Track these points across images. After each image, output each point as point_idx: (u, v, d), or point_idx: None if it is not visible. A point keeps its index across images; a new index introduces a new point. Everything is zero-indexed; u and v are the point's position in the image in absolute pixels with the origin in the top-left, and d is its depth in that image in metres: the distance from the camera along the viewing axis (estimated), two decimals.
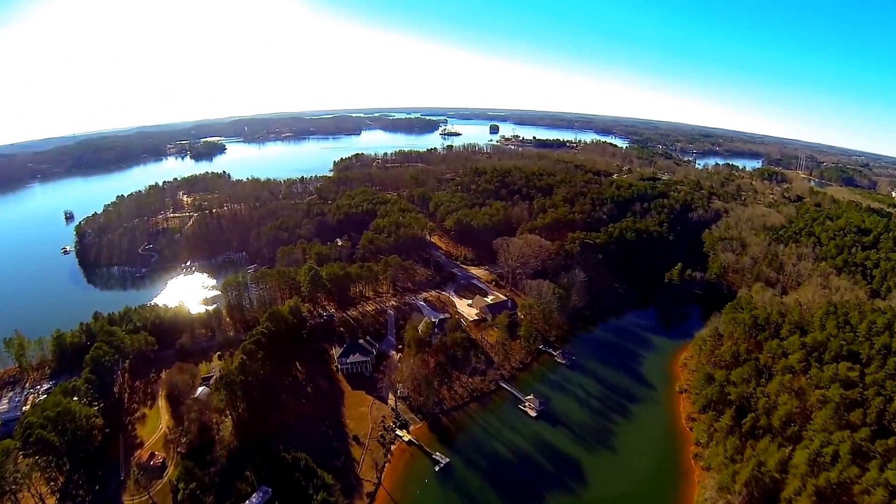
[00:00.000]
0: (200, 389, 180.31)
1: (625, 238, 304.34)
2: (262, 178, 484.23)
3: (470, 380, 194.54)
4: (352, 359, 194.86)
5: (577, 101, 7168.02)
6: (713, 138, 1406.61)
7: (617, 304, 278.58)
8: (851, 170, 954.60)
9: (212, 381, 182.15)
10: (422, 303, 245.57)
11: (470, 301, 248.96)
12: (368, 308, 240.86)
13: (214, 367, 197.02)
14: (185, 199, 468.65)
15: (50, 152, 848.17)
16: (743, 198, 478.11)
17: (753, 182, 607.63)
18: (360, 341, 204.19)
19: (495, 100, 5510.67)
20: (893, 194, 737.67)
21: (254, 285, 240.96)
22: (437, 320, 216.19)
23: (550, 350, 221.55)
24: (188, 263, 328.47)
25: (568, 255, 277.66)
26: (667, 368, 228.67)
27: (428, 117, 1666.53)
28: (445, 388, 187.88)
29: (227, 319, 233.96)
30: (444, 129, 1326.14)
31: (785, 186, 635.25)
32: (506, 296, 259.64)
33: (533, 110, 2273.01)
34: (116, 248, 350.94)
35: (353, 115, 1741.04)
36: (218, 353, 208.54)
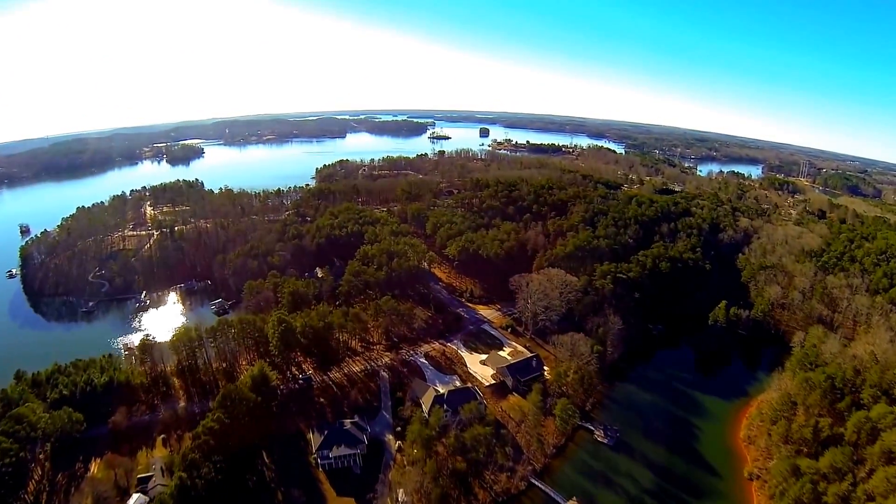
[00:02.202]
0: (135, 498, 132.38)
1: (658, 269, 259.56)
2: (236, 189, 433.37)
3: (493, 477, 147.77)
4: (336, 452, 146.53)
5: (568, 104, 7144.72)
6: (709, 143, 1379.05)
7: (651, 349, 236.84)
8: (855, 177, 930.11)
9: (150, 489, 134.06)
10: (423, 360, 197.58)
11: (483, 357, 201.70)
12: (356, 367, 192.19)
13: (156, 459, 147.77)
14: (149, 212, 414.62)
15: (22, 155, 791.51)
16: (767, 214, 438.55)
17: (768, 194, 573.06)
18: (347, 423, 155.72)
19: (484, 102, 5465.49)
20: None
21: (209, 339, 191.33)
22: (445, 392, 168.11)
23: (589, 425, 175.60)
24: (143, 295, 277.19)
25: (598, 293, 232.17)
26: (727, 443, 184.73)
27: (415, 120, 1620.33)
28: (462, 498, 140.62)
29: (177, 385, 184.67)
30: (433, 133, 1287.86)
31: (799, 198, 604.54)
32: (525, 346, 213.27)
33: (523, 113, 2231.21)
34: (64, 273, 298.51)
35: (338, 117, 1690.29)
36: (163, 435, 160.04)
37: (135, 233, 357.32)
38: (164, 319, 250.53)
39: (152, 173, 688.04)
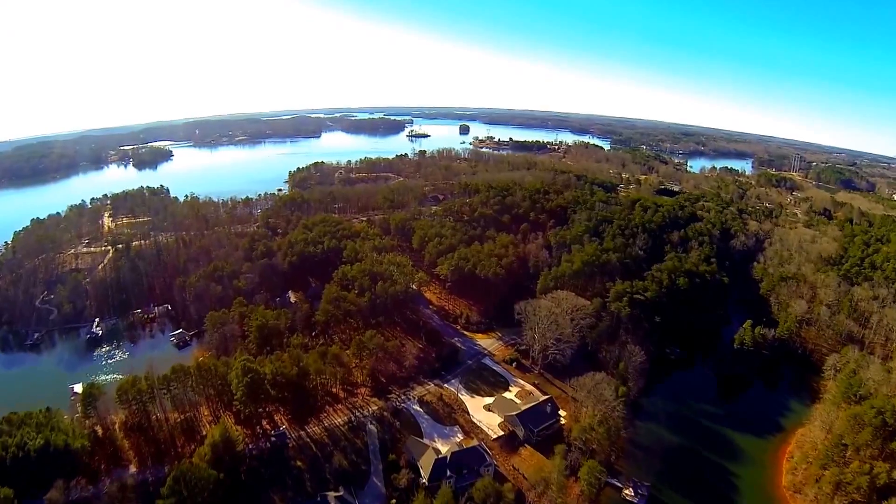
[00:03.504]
0: None
1: (676, 286, 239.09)
2: (203, 197, 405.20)
3: None
4: None
5: (549, 99, 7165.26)
6: (696, 137, 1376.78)
7: (669, 375, 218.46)
8: (847, 171, 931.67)
9: None
10: (417, 407, 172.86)
11: (488, 401, 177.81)
12: (338, 419, 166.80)
13: None
14: (107, 223, 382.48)
15: None
16: (774, 215, 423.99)
17: (768, 191, 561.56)
18: (330, 498, 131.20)
19: (463, 97, 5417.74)
20: (894, 196, 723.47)
21: (163, 390, 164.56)
22: (448, 453, 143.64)
23: (616, 482, 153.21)
24: (95, 324, 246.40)
25: (612, 318, 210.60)
26: (770, 492, 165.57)
27: (392, 117, 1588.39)
28: None
29: (126, 446, 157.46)
30: (411, 131, 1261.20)
31: (798, 195, 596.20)
32: (534, 384, 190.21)
33: (503, 108, 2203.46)
34: (9, 298, 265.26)
35: (313, 115, 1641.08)
36: None
37: (90, 249, 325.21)
38: (116, 355, 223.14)
39: (118, 178, 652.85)
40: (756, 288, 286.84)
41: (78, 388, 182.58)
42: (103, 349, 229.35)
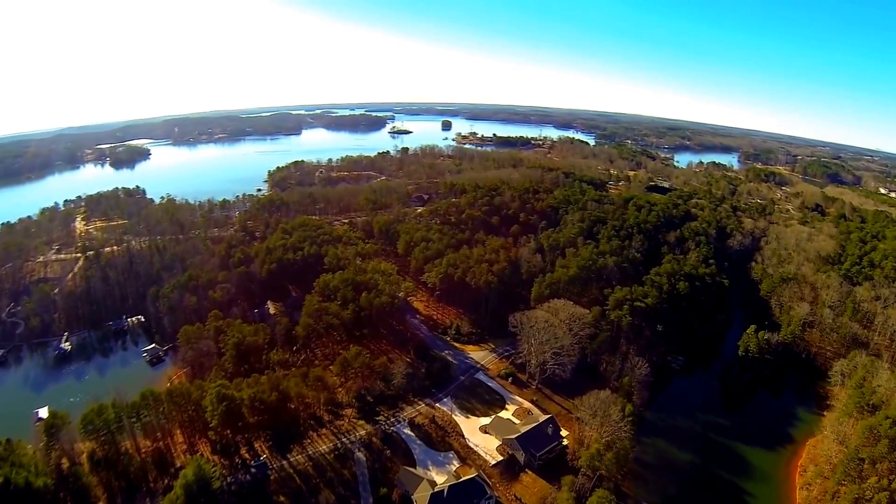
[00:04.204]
0: None
1: (676, 290, 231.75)
2: (179, 198, 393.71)
3: None
4: None
5: (531, 94, 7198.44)
6: (680, 131, 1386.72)
7: (672, 385, 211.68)
8: (833, 165, 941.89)
9: None
10: (408, 431, 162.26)
11: (484, 421, 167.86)
12: (323, 445, 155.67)
13: None
14: (80, 227, 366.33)
15: None
16: (768, 212, 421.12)
17: (759, 187, 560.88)
18: None
19: (444, 93, 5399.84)
20: (881, 190, 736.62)
21: (133, 418, 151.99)
22: (445, 487, 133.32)
23: None
24: (64, 339, 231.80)
25: (612, 327, 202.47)
26: None
27: (374, 113, 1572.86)
28: None
29: (94, 482, 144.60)
30: (393, 127, 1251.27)
31: (788, 190, 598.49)
32: (532, 400, 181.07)
33: (485, 104, 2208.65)
34: None
35: (294, 112, 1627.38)
36: None
37: (60, 257, 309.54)
38: (87, 373, 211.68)
39: (94, 178, 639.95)
40: (756, 289, 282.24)
41: (43, 412, 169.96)
42: (72, 366, 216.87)
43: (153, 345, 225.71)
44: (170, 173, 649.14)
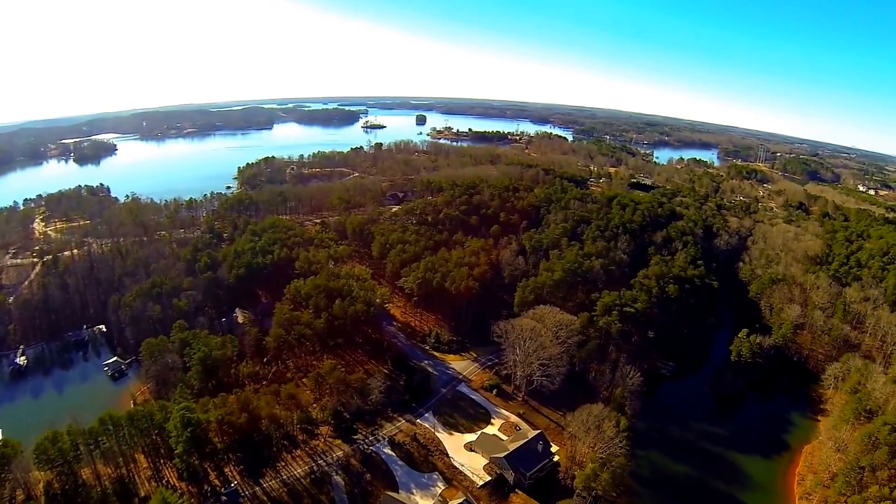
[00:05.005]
0: None
1: (666, 294, 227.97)
2: (144, 197, 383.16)
3: None
4: None
5: (507, 88, 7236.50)
6: (659, 127, 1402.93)
7: (662, 392, 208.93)
8: (813, 162, 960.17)
9: None
10: (388, 450, 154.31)
11: (469, 438, 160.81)
12: (297, 469, 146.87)
13: None
14: (39, 229, 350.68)
15: None
16: (752, 210, 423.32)
17: (741, 184, 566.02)
18: None
19: (418, 87, 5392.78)
20: (860, 187, 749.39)
21: (91, 445, 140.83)
22: None
23: None
24: (19, 352, 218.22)
25: (601, 333, 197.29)
26: None
27: (347, 108, 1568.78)
28: None
29: None
30: (366, 122, 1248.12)
31: (770, 187, 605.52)
32: (518, 414, 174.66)
33: (460, 98, 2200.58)
34: None
35: (265, 106, 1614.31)
36: None
37: (17, 261, 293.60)
38: (44, 390, 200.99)
39: (57, 175, 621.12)
40: (744, 291, 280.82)
41: None
42: (28, 382, 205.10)
43: (115, 358, 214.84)
44: (136, 170, 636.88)
